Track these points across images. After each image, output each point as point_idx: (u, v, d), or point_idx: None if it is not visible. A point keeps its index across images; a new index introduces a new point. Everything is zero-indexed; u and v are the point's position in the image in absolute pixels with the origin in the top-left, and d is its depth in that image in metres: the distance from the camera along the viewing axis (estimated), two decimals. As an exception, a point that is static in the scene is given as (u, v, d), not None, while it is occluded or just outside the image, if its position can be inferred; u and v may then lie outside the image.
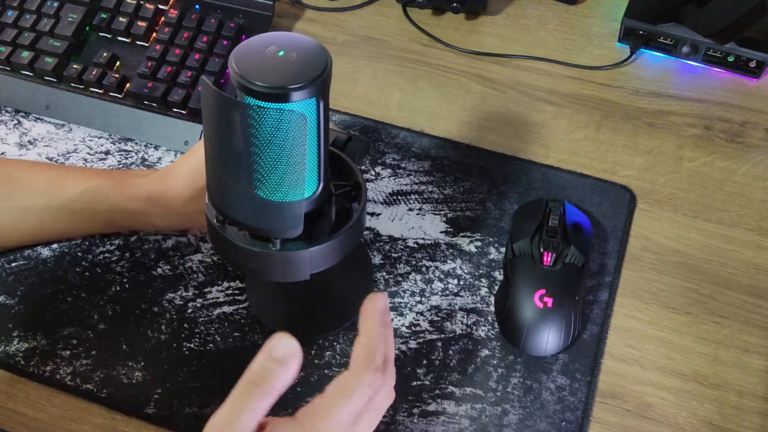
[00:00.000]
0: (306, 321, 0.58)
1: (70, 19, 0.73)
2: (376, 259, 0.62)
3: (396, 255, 0.62)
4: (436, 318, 0.59)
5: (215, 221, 0.47)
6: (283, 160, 0.42)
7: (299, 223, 0.44)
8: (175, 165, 0.59)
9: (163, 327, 0.59)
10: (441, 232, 0.64)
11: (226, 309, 0.60)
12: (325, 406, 0.43)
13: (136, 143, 0.70)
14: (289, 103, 0.40)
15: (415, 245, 0.63)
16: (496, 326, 0.59)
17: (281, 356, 0.43)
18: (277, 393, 0.42)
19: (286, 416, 0.43)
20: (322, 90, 0.42)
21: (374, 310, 0.46)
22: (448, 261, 0.62)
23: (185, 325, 0.59)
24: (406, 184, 0.66)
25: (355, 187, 0.51)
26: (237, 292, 0.61)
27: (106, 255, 0.63)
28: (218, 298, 0.60)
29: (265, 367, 0.43)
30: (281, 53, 0.41)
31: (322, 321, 0.58)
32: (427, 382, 0.56)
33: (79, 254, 0.63)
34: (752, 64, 0.72)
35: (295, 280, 0.49)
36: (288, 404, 0.54)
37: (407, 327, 0.59)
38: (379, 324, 0.46)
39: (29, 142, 0.70)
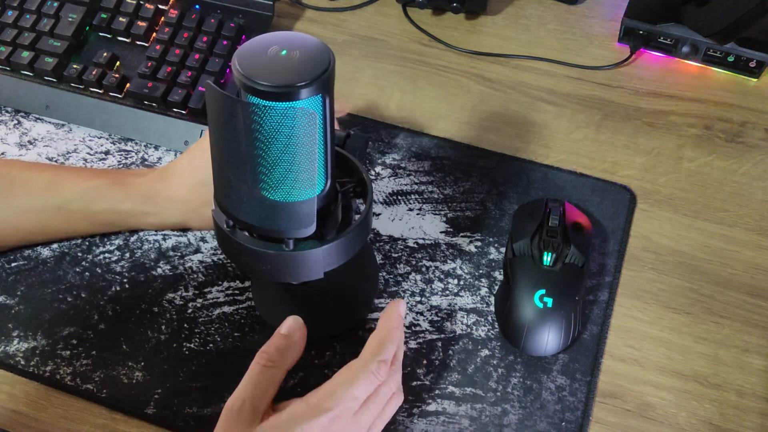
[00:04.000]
0: (312, 321, 0.58)
1: (70, 19, 0.73)
2: (376, 259, 0.62)
3: (396, 255, 0.62)
4: (436, 318, 0.59)
5: (225, 226, 0.47)
6: (297, 159, 0.42)
7: (312, 222, 0.44)
8: (174, 164, 0.59)
9: (163, 327, 0.59)
10: (441, 232, 0.64)
11: (226, 309, 0.60)
12: (331, 388, 0.47)
13: (136, 143, 0.70)
14: (296, 101, 0.40)
15: (415, 245, 0.63)
16: (496, 326, 0.59)
17: (286, 331, 0.49)
18: (285, 367, 0.49)
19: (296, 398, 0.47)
20: (327, 86, 0.42)
21: (396, 312, 0.51)
22: (448, 261, 0.62)
23: (185, 325, 0.59)
24: (406, 184, 0.66)
25: (359, 184, 0.51)
26: (237, 292, 0.61)
27: (106, 255, 0.63)
28: (218, 298, 0.60)
29: (272, 343, 0.49)
30: (284, 52, 0.41)
31: (329, 321, 0.58)
32: (427, 382, 0.56)
33: (79, 254, 0.63)
34: (752, 64, 0.72)
35: (309, 279, 0.49)
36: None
37: (407, 327, 0.59)
38: (396, 324, 0.50)
39: (29, 142, 0.70)
